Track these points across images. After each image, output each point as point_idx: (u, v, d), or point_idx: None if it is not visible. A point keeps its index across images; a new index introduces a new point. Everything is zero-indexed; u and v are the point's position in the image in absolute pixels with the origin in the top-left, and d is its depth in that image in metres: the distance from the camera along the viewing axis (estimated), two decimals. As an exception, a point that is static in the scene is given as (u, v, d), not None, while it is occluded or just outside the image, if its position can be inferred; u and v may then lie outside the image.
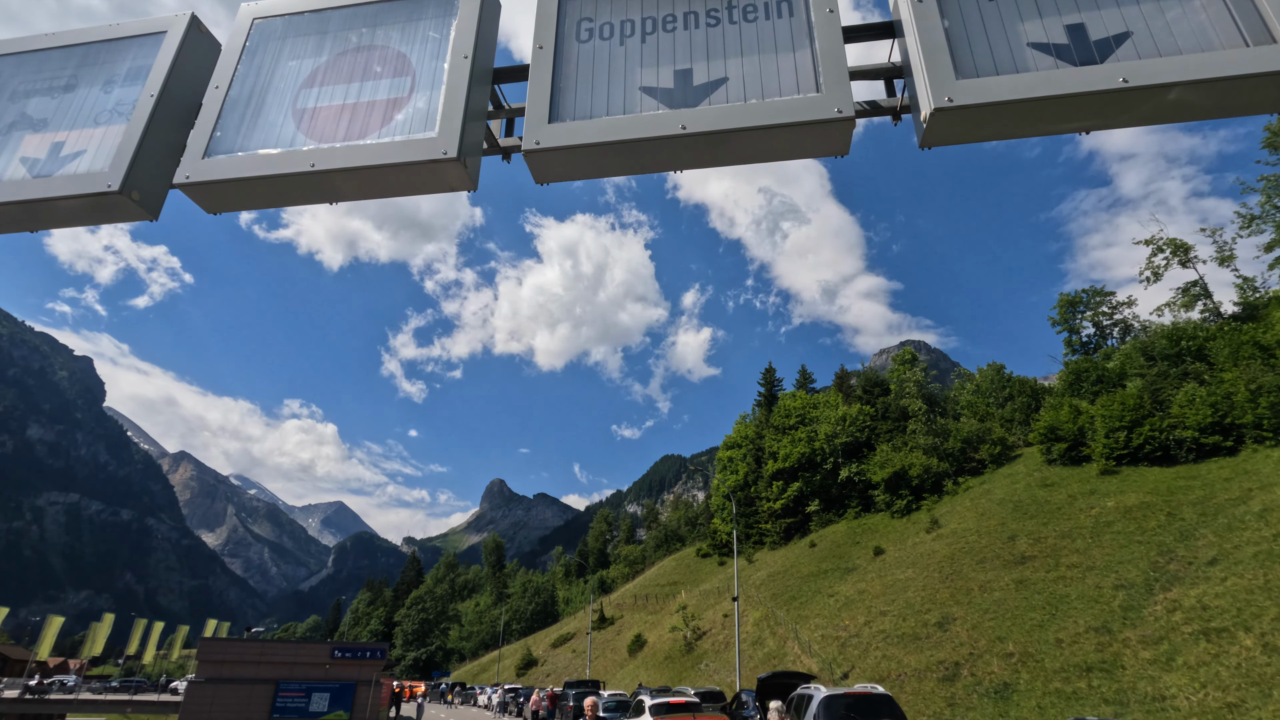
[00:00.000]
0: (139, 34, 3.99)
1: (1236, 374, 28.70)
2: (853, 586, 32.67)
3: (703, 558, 66.82)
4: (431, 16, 3.70)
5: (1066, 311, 52.20)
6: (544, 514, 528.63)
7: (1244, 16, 2.88)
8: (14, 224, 3.78)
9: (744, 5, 3.45)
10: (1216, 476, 25.81)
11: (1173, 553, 21.71)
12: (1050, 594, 22.91)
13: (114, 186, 3.39)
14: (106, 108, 3.88)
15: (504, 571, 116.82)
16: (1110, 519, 26.27)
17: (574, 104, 3.29)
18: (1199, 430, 28.33)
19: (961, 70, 2.93)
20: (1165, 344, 36.53)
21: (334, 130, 3.47)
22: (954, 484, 40.99)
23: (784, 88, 3.14)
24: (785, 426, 54.62)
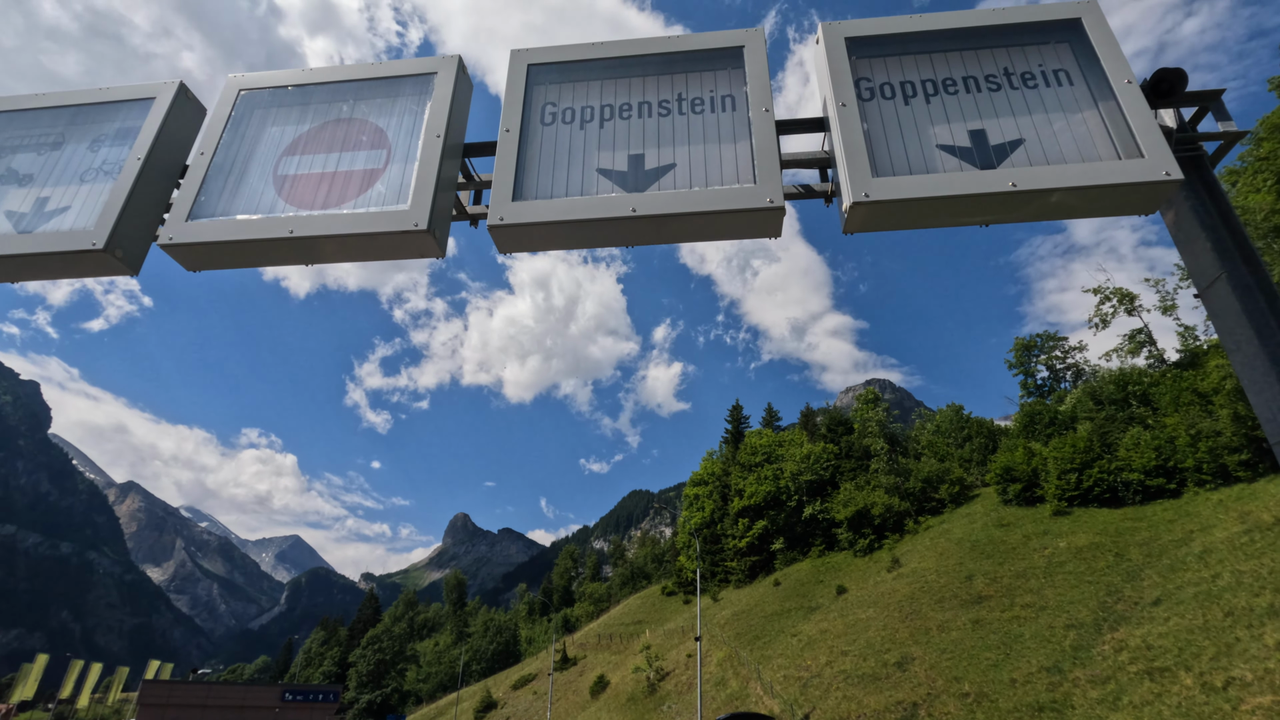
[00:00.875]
0: (129, 98, 4.24)
1: (1178, 419, 30.04)
2: (815, 626, 32.79)
3: (668, 595, 66.22)
4: (409, 95, 4.03)
5: (1022, 355, 54.07)
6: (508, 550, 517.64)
7: (1117, 132, 3.36)
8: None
9: (692, 99, 3.86)
10: (1161, 518, 26.80)
11: (1120, 593, 22.40)
12: (1005, 633, 23.36)
13: (98, 244, 3.60)
14: (93, 166, 4.11)
15: (465, 610, 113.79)
16: (1062, 559, 27.00)
17: (536, 183, 3.62)
18: (1144, 473, 29.45)
19: (878, 169, 3.35)
20: (1113, 389, 38.06)
21: (312, 198, 3.75)
22: (915, 523, 41.64)
23: (725, 176, 3.53)
24: (752, 464, 55.02)
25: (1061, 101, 3.54)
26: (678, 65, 3.95)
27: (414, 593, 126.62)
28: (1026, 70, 3.69)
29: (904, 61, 3.79)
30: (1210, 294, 3.33)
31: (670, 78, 3.94)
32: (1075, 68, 3.66)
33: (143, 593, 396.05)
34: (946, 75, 3.72)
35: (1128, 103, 3.37)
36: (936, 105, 3.62)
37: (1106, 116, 3.44)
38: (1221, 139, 3.54)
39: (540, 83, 4.00)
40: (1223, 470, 27.00)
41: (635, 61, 4.00)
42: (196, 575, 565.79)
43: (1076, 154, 3.35)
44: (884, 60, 3.81)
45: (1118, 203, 3.29)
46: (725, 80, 3.88)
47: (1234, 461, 26.34)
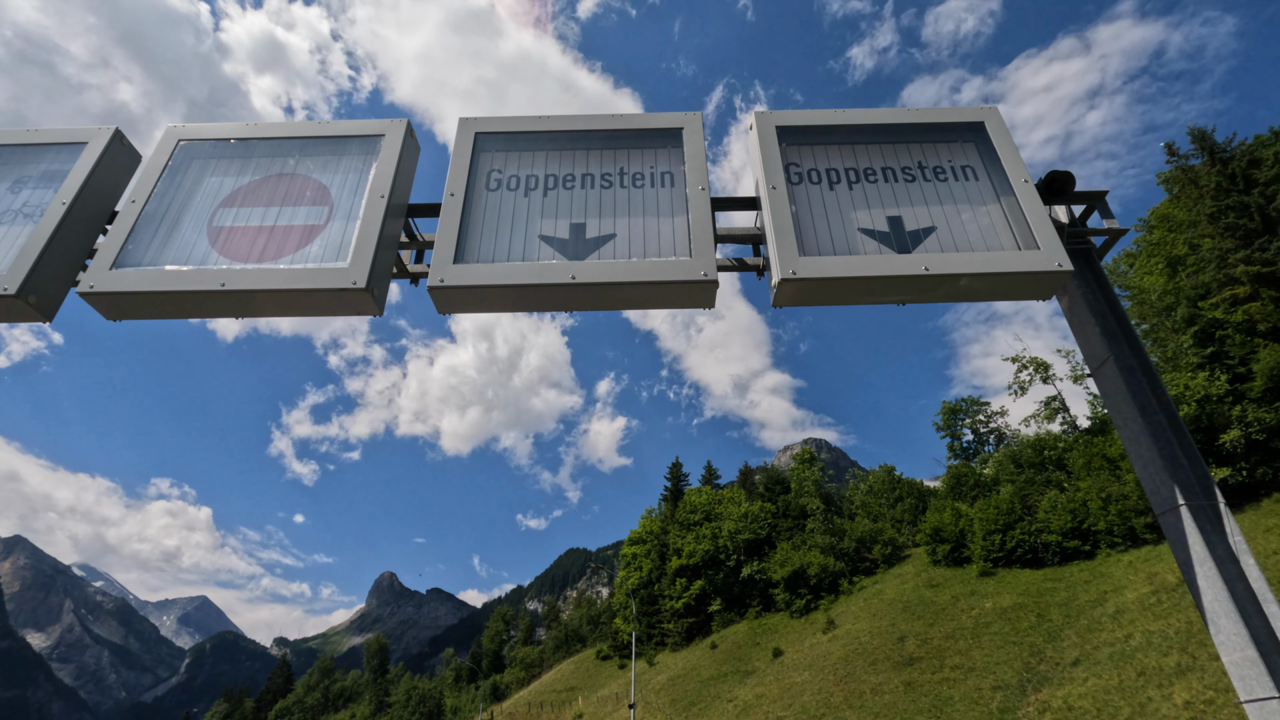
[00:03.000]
0: (59, 142, 4.13)
1: (1090, 484, 31.75)
2: (751, 690, 32.26)
3: (603, 660, 64.06)
4: (355, 154, 4.08)
5: (949, 418, 56.42)
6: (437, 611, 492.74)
7: (1016, 225, 3.69)
8: (-112, 316, 3.69)
9: (633, 173, 4.05)
10: (1078, 579, 27.93)
11: (1042, 653, 23.04)
12: (936, 696, 23.55)
13: (10, 290, 3.45)
14: (11, 208, 3.96)
15: (387, 677, 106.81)
16: (988, 620, 27.66)
17: (479, 247, 3.69)
18: (1061, 535, 30.81)
19: (805, 248, 3.57)
20: (1031, 453, 40.02)
21: (248, 250, 3.71)
22: (849, 583, 42.04)
23: (662, 249, 3.69)
24: (690, 522, 54.75)
25: (969, 194, 3.88)
26: (620, 141, 4.16)
27: (331, 659, 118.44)
28: (938, 164, 4.04)
29: (829, 150, 4.10)
30: (1100, 374, 3.63)
31: (613, 152, 4.13)
32: (980, 165, 4.03)
33: (19, 661, 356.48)
34: (868, 165, 4.03)
35: (1025, 200, 3.73)
36: (859, 191, 3.91)
37: (1007, 210, 3.79)
38: (1106, 234, 3.93)
39: (487, 150, 4.13)
40: (1131, 532, 28.51)
41: (580, 135, 4.18)
42: (85, 641, 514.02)
43: (982, 242, 3.66)
44: (811, 148, 4.10)
45: (1018, 289, 3.60)
46: (665, 158, 4.10)
47: (1140, 524, 27.89)
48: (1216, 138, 30.22)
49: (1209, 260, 28.14)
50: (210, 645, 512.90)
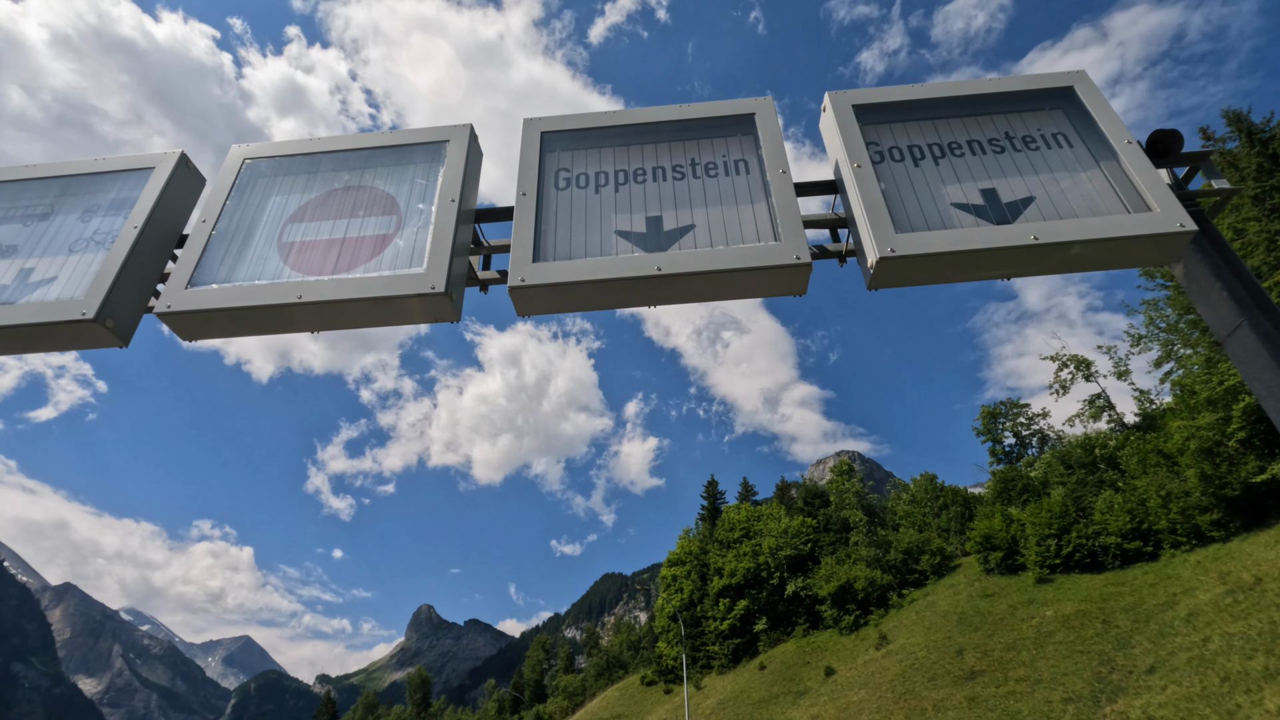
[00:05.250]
0: (126, 169, 4.13)
1: (1147, 481, 30.54)
2: (805, 712, 31.32)
3: (648, 685, 62.97)
4: (420, 163, 4.01)
5: (989, 422, 55.07)
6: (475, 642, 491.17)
7: (1123, 189, 3.46)
8: (-32, 349, 3.67)
9: (705, 163, 3.91)
10: (1143, 582, 26.74)
11: (1113, 662, 21.98)
12: (1002, 710, 22.58)
13: (88, 314, 3.40)
14: (83, 236, 3.94)
15: (430, 711, 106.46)
16: (1051, 628, 26.56)
17: (554, 245, 3.57)
18: (1121, 536, 29.60)
19: (899, 225, 3.38)
20: (1080, 453, 38.76)
21: (320, 263, 3.63)
22: (899, 596, 40.86)
23: (745, 235, 3.52)
24: (730, 540, 53.88)
25: (1064, 161, 3.67)
26: (690, 132, 4.03)
27: (374, 695, 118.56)
28: (1026, 134, 3.84)
29: (909, 127, 3.93)
30: (1232, 342, 3.36)
31: (683, 144, 4.00)
32: (1071, 131, 3.82)
33: (72, 707, 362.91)
34: (951, 139, 3.85)
35: (1131, 161, 3.50)
36: (946, 166, 3.72)
37: (1109, 174, 3.56)
38: (1218, 195, 3.67)
39: (552, 149, 4.03)
40: (1196, 531, 27.27)
41: (647, 129, 4.06)
42: (135, 685, 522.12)
43: (1087, 209, 3.44)
44: (889, 126, 3.94)
45: (1135, 254, 3.36)
46: (738, 145, 3.95)
47: (1206, 521, 26.66)
48: (1253, 118, 29.36)
49: (1257, 244, 27.19)
50: (254, 685, 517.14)
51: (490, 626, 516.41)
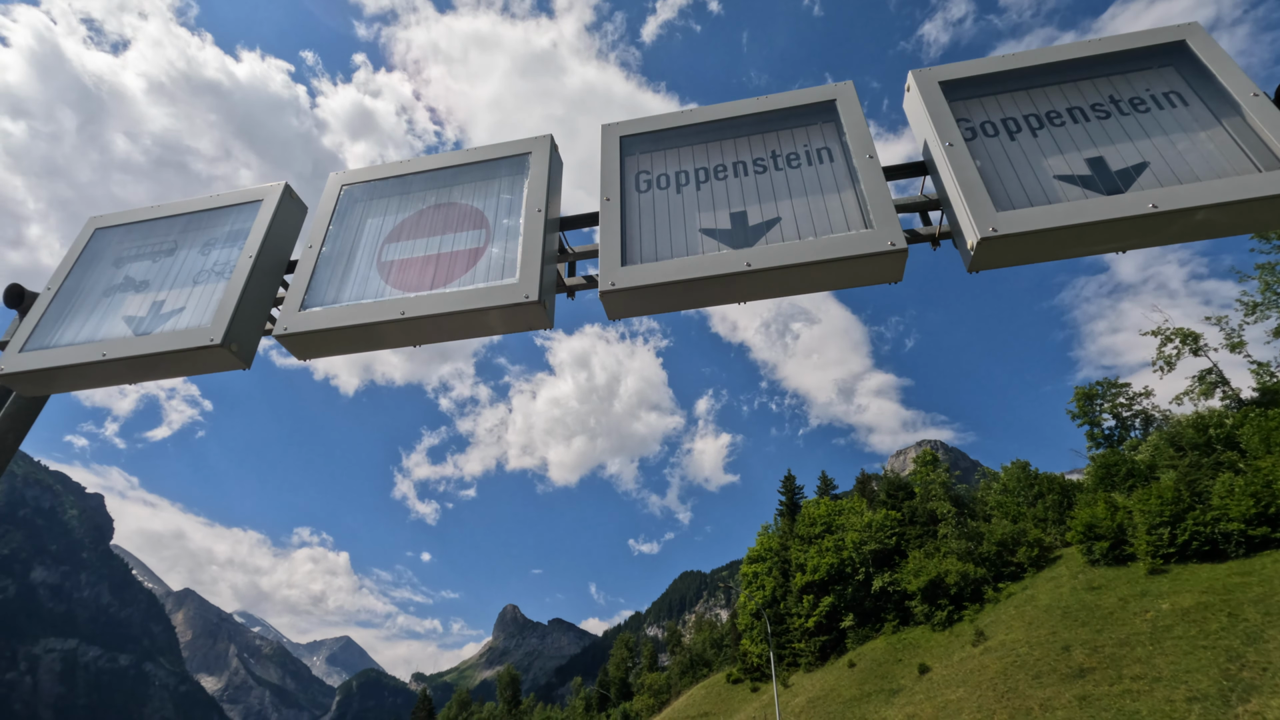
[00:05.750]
0: (238, 203, 4.43)
1: (1272, 461, 28.00)
2: (901, 711, 30.36)
3: (734, 683, 62.55)
4: (504, 176, 4.13)
5: (1084, 404, 51.83)
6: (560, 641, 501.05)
7: (1251, 148, 3.20)
8: (115, 378, 4.03)
9: (787, 154, 3.85)
10: (1273, 571, 24.54)
11: (1243, 658, 20.29)
12: (1118, 710, 21.20)
13: (216, 340, 3.66)
14: (205, 268, 4.25)
15: (520, 708, 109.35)
16: (1168, 622, 24.75)
17: (641, 248, 3.59)
18: (1244, 523, 27.24)
19: (999, 203, 3.23)
20: (1193, 433, 35.93)
21: (418, 280, 3.79)
22: (994, 591, 39.02)
23: (834, 225, 3.45)
24: (811, 536, 52.83)
25: (1180, 122, 3.42)
26: (768, 124, 3.98)
27: (466, 692, 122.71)
28: (1134, 95, 3.59)
29: (1001, 100, 3.75)
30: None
31: (762, 137, 3.95)
32: (1186, 88, 3.55)
33: (197, 703, 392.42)
34: (1049, 108, 3.65)
35: (1259, 115, 3.23)
36: (1045, 138, 3.53)
37: (1234, 132, 3.30)
38: (1364, 145, 3.33)
39: (631, 153, 4.06)
40: (1334, 514, 24.84)
41: (725, 125, 4.03)
42: (249, 684, 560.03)
43: (1210, 171, 3.19)
44: (980, 100, 3.77)
45: (1269, 216, 3.09)
46: (819, 133, 3.87)
47: (1346, 503, 24.25)
48: (1382, 55, 26.44)
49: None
50: (356, 683, 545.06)
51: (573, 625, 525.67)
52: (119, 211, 4.69)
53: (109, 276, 4.42)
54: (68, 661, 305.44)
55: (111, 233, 4.60)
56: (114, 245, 4.58)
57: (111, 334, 4.00)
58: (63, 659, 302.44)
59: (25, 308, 4.43)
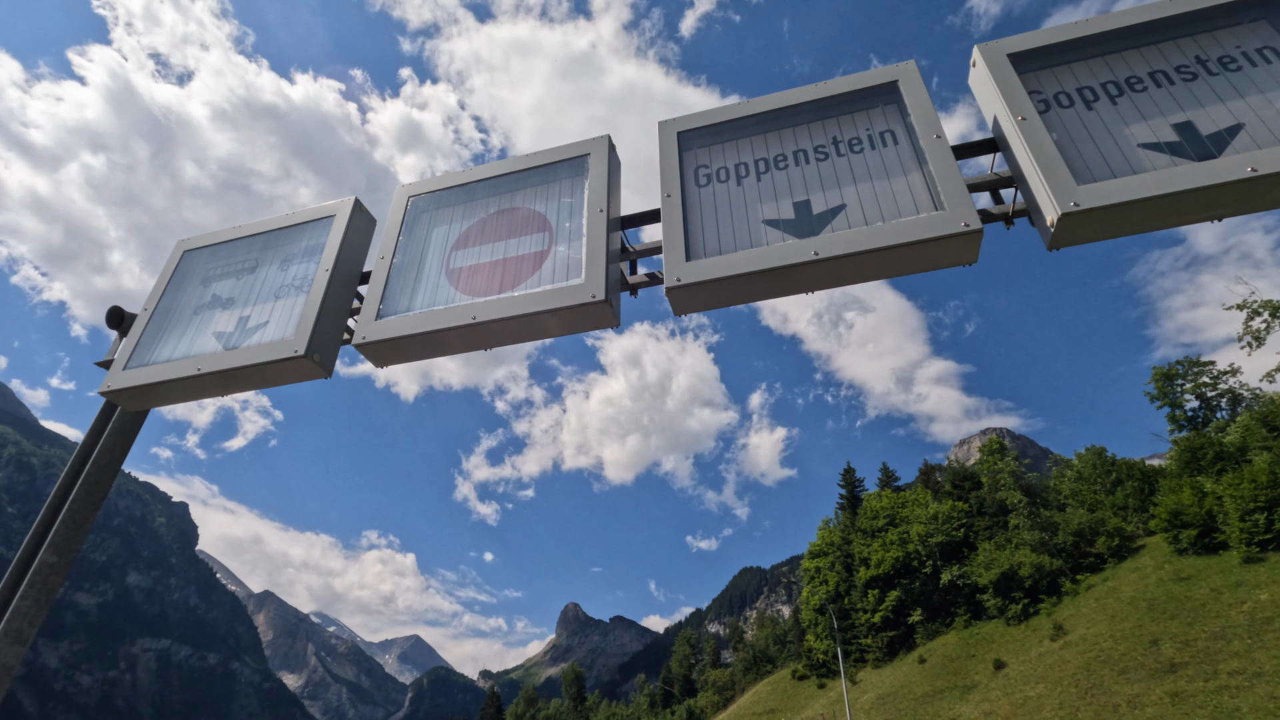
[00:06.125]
0: (312, 219, 4.62)
1: (1381, 439, 25.94)
2: (976, 708, 29.40)
3: (800, 680, 61.78)
4: (564, 179, 4.18)
5: (1164, 385, 49.04)
6: (622, 638, 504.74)
7: (1360, 98, 2.97)
8: (208, 391, 4.27)
9: (849, 139, 3.77)
10: (1386, 558, 22.75)
11: (1356, 652, 18.88)
12: (1215, 708, 20.01)
13: (300, 351, 3.83)
14: (285, 283, 4.45)
15: (586, 705, 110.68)
16: (1269, 614, 23.19)
17: (704, 242, 3.59)
18: (1351, 506, 25.34)
19: (1081, 176, 3.09)
20: (1287, 412, 33.61)
21: (486, 285, 3.88)
22: (1073, 583, 37.35)
23: (902, 209, 3.36)
24: (874, 529, 51.68)
25: (1277, 79, 3.20)
26: (828, 110, 3.91)
27: (533, 689, 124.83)
28: (1223, 55, 3.38)
29: (1075, 69, 3.58)
30: None
31: (822, 123, 3.89)
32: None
33: (280, 700, 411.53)
34: (1128, 74, 3.47)
35: (1370, 65, 2.99)
36: (1125, 105, 3.36)
37: (1341, 86, 3.07)
38: None
39: (689, 148, 4.05)
40: None
41: (783, 114, 3.98)
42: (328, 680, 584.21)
43: (1315, 129, 2.98)
44: (1052, 71, 3.61)
45: (1388, 173, 2.87)
46: (881, 116, 3.78)
47: None
48: None
49: None
50: (427, 680, 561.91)
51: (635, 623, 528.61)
52: (204, 234, 4.95)
53: (198, 295, 4.68)
54: (162, 660, 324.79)
55: (198, 254, 4.87)
56: (201, 265, 4.85)
57: (203, 349, 4.23)
58: (158, 658, 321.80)
59: (125, 328, 4.74)
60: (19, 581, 3.76)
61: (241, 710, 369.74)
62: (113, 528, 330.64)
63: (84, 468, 4.15)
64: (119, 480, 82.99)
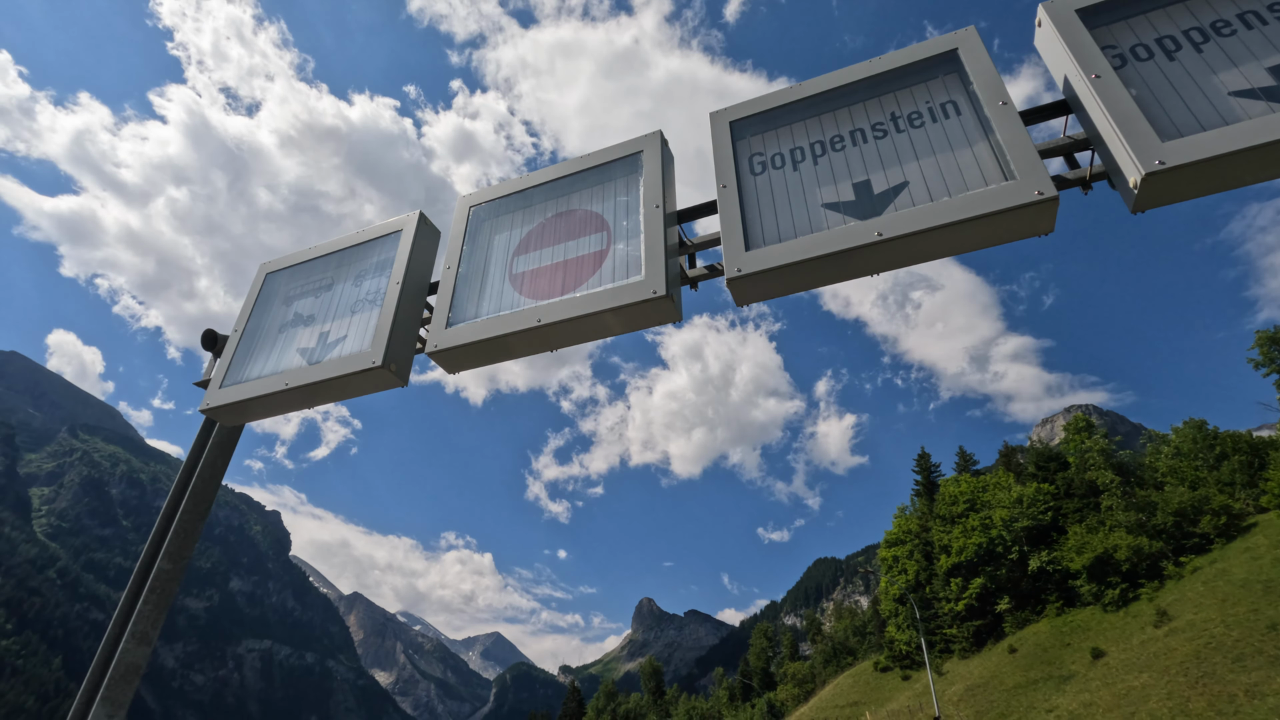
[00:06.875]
0: (380, 235, 4.82)
1: None
2: (1075, 699, 27.99)
3: (882, 672, 60.34)
4: (619, 177, 4.22)
5: (1270, 350, 45.30)
6: (697, 632, 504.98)
7: None
8: (296, 404, 4.52)
9: (908, 114, 3.65)
10: None
11: None
12: (1347, 697, 18.43)
13: (377, 362, 4.01)
14: (359, 297, 4.66)
15: (665, 699, 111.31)
16: (1406, 595, 21.18)
17: (763, 231, 3.55)
18: None
19: (1165, 132, 2.90)
20: None
21: (548, 288, 3.96)
22: (1175, 565, 35.04)
23: (969, 181, 3.23)
24: (953, 515, 49.84)
25: (1388, 7, 2.92)
26: (883, 86, 3.79)
27: (613, 684, 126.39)
28: (1325, -15, 3.11)
29: (1153, 18, 3.36)
30: None
31: (878, 100, 3.78)
32: (1393, -32, 3.03)
33: (374, 696, 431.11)
34: (1214, 18, 3.23)
35: None
36: (1211, 52, 3.13)
37: None
38: None
39: (743, 136, 4.01)
40: None
41: (836, 94, 3.89)
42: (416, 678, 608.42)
43: None
44: (1126, 23, 3.40)
45: None
46: (941, 87, 3.65)
47: None
48: None
49: None
50: (510, 676, 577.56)
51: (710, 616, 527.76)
52: (283, 256, 5.24)
53: (281, 315, 4.95)
54: (265, 659, 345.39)
55: (279, 275, 5.15)
56: (282, 286, 5.13)
57: (290, 365, 4.48)
58: (261, 657, 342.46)
59: (219, 349, 5.07)
60: (141, 588, 4.09)
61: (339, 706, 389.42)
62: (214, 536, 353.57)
63: (190, 481, 4.47)
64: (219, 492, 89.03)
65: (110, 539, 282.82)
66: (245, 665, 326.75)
